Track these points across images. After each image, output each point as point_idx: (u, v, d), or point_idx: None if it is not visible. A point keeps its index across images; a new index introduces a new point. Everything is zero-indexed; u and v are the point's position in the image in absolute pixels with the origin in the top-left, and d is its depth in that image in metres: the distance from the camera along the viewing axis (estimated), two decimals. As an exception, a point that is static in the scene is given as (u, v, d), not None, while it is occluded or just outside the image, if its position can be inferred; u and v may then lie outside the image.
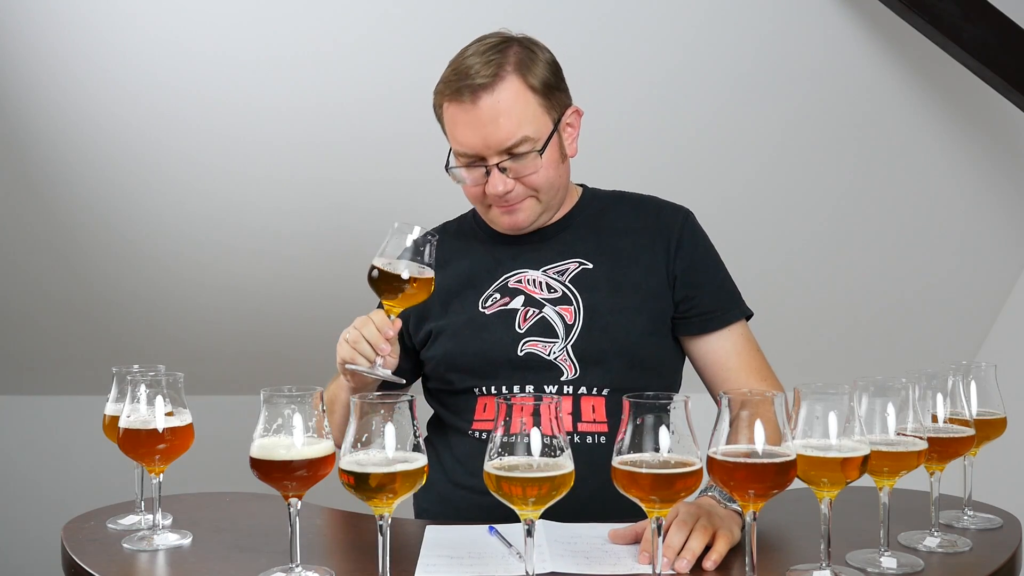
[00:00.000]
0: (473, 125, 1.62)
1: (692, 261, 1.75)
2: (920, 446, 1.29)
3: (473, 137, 1.62)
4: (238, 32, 2.59)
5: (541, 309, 1.71)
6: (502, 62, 1.63)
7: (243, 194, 2.84)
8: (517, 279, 1.74)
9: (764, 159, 2.90)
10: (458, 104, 1.62)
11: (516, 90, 1.62)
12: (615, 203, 1.82)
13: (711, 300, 1.74)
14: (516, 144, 1.62)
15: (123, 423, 1.44)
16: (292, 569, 1.29)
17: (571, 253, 1.75)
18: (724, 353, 1.74)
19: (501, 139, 1.62)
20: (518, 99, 1.62)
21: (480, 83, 1.60)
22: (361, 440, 1.18)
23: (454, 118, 1.64)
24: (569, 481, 1.17)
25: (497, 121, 1.61)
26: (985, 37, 2.57)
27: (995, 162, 2.92)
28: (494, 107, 1.61)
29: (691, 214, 1.81)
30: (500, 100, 1.61)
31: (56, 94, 2.66)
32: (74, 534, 1.51)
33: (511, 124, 1.61)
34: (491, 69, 1.61)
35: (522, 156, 1.63)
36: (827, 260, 3.09)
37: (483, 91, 1.61)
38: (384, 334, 1.55)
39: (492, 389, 1.70)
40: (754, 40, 2.70)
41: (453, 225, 1.88)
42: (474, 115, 1.61)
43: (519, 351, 1.69)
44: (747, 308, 1.78)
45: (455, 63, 1.67)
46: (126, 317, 3.13)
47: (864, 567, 1.31)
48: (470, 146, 1.63)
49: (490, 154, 1.63)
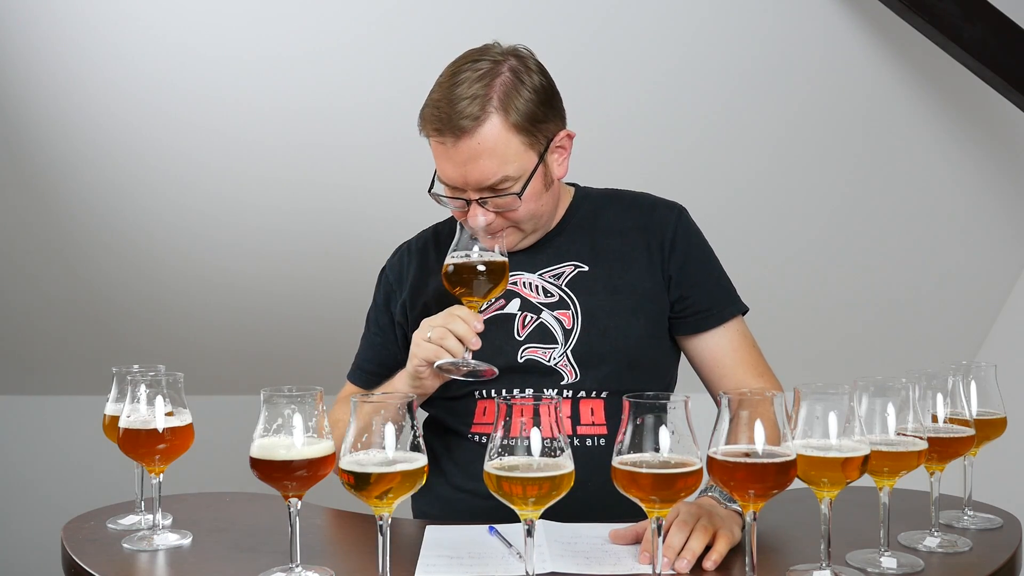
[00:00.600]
0: (454, 162, 1.60)
1: (686, 260, 1.74)
2: (920, 446, 1.29)
3: (454, 173, 1.61)
4: (238, 32, 2.59)
5: (539, 315, 1.70)
6: (486, 100, 1.58)
7: (243, 194, 2.85)
8: (512, 281, 1.72)
9: (763, 159, 2.90)
10: (439, 138, 1.60)
11: (498, 131, 1.58)
12: (608, 203, 1.81)
13: (706, 298, 1.74)
14: (496, 183, 1.60)
15: (123, 423, 1.44)
16: (292, 569, 1.29)
17: (566, 256, 1.74)
18: (721, 351, 1.73)
19: (480, 179, 1.59)
20: (499, 140, 1.59)
21: (462, 125, 1.57)
22: (361, 440, 1.18)
23: (436, 151, 1.63)
24: (569, 481, 1.17)
25: (477, 162, 1.58)
26: (985, 37, 2.57)
27: (995, 162, 2.92)
28: (475, 148, 1.58)
29: (684, 210, 1.80)
30: (481, 142, 1.58)
31: (56, 94, 2.66)
32: (74, 534, 1.51)
33: (492, 165, 1.59)
34: (475, 108, 1.57)
35: (502, 194, 1.61)
36: (827, 260, 3.09)
37: (464, 134, 1.58)
38: (473, 328, 1.52)
39: (493, 392, 1.69)
40: (754, 40, 2.70)
41: (445, 227, 1.87)
42: (455, 153, 1.59)
43: (519, 358, 1.68)
44: (743, 304, 1.77)
45: (443, 89, 1.61)
46: (126, 317, 3.13)
47: (864, 567, 1.31)
48: (451, 180, 1.62)
49: (469, 190, 1.61)
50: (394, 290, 1.82)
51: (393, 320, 1.81)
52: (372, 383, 1.78)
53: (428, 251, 1.83)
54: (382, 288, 1.85)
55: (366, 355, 1.84)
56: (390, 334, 1.81)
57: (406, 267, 1.83)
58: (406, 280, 1.81)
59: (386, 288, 1.84)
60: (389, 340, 1.81)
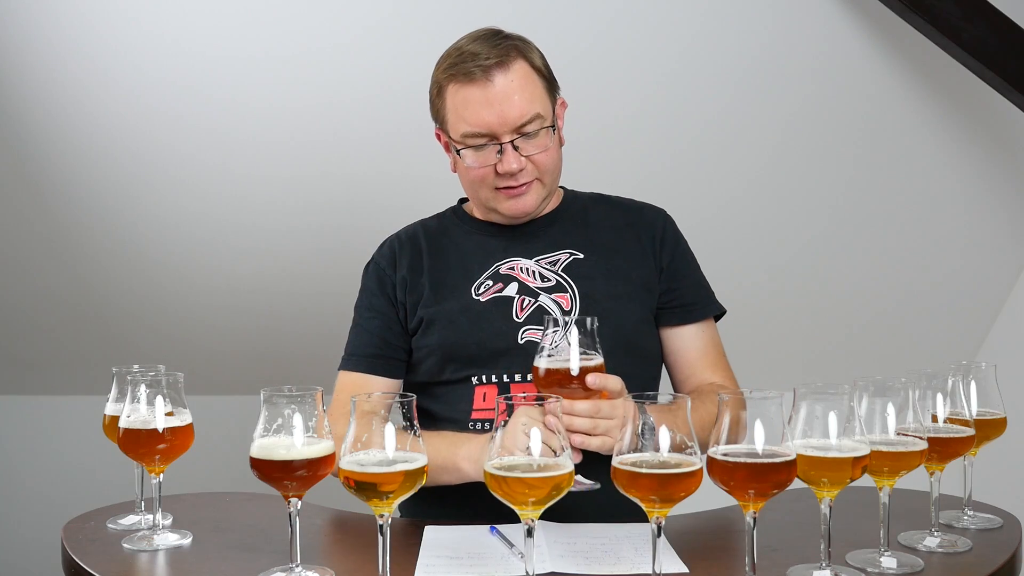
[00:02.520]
0: (488, 103, 1.64)
1: (675, 255, 1.81)
2: (920, 446, 1.29)
3: (488, 115, 1.64)
4: (238, 32, 2.59)
5: (536, 298, 1.72)
6: (506, 46, 1.67)
7: (243, 193, 2.84)
8: (509, 266, 1.75)
9: (762, 159, 2.90)
10: (470, 84, 1.65)
11: (525, 70, 1.67)
12: (595, 203, 1.87)
13: (692, 293, 1.81)
14: (529, 121, 1.66)
15: (123, 423, 1.44)
16: (292, 569, 1.29)
17: (561, 245, 1.78)
18: (695, 347, 1.79)
19: (516, 116, 1.65)
20: (528, 78, 1.67)
21: (493, 62, 1.64)
22: (361, 440, 1.18)
23: (466, 98, 1.66)
24: (569, 481, 1.17)
25: (512, 98, 1.64)
26: (985, 37, 2.57)
27: (995, 162, 2.91)
28: (508, 85, 1.65)
29: (668, 214, 1.88)
30: (512, 79, 1.65)
31: (56, 94, 2.65)
32: (74, 534, 1.51)
33: (524, 101, 1.65)
34: (499, 51, 1.66)
35: (534, 134, 1.67)
36: (826, 260, 3.09)
37: (496, 69, 1.64)
38: None
39: (493, 377, 1.69)
40: (754, 41, 2.70)
41: (434, 222, 1.88)
42: (489, 93, 1.64)
43: (519, 340, 1.69)
44: (721, 307, 1.84)
45: (454, 51, 1.70)
46: (126, 317, 3.12)
47: (864, 567, 1.31)
48: (483, 124, 1.65)
49: (504, 132, 1.65)
50: (387, 274, 1.81)
51: (392, 301, 1.79)
52: (375, 367, 1.76)
53: (419, 241, 1.83)
54: (373, 276, 1.83)
55: (363, 341, 1.79)
56: (390, 314, 1.78)
57: (397, 252, 1.82)
58: (401, 263, 1.80)
59: (378, 274, 1.82)
60: (390, 320, 1.78)
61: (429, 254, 1.80)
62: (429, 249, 1.81)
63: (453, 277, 1.77)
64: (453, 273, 1.77)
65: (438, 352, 1.72)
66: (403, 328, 1.78)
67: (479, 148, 1.67)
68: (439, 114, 1.73)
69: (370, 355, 1.78)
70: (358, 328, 1.82)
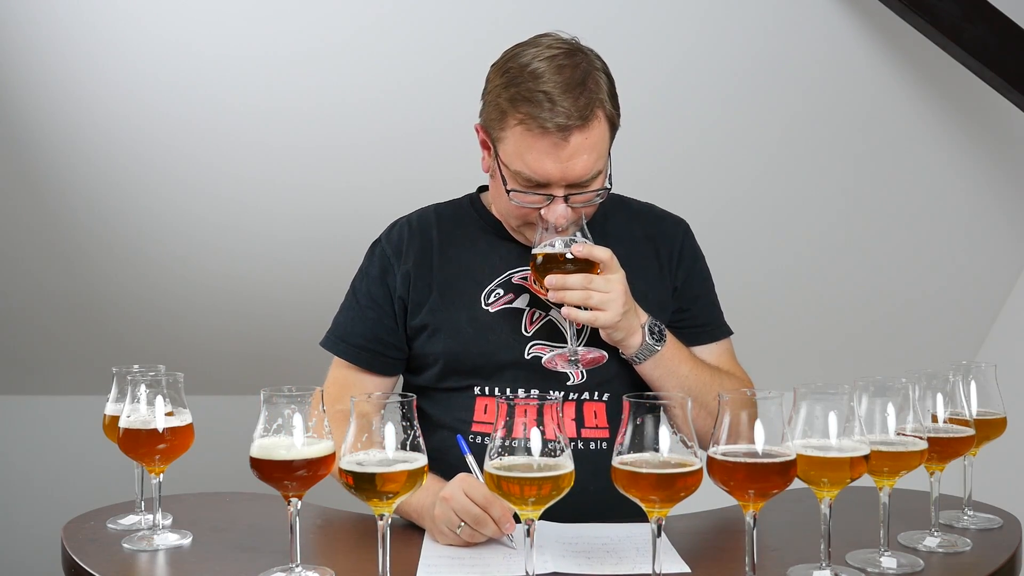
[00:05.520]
0: (556, 158, 1.54)
1: (691, 274, 1.77)
2: (920, 446, 1.29)
3: (553, 168, 1.54)
4: (238, 32, 2.59)
5: (548, 312, 1.67)
6: (592, 99, 1.55)
7: (243, 194, 2.84)
8: (521, 275, 1.69)
9: (763, 160, 2.90)
10: (543, 136, 1.53)
11: (602, 128, 1.57)
12: (615, 209, 1.78)
13: (704, 314, 1.78)
14: (592, 178, 1.58)
15: (123, 423, 1.44)
16: (292, 569, 1.29)
17: None
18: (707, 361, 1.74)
19: (581, 174, 1.56)
20: (602, 136, 1.58)
21: (575, 124, 1.53)
22: (361, 440, 1.18)
23: (531, 145, 1.55)
24: (569, 481, 1.17)
25: (581, 157, 1.54)
26: (985, 37, 2.57)
27: (995, 162, 2.92)
28: (581, 143, 1.54)
29: (689, 227, 1.82)
30: (588, 137, 1.55)
31: (56, 94, 2.65)
32: (74, 534, 1.51)
33: (592, 160, 1.56)
34: (581, 108, 1.53)
35: (588, 189, 1.58)
36: (826, 261, 3.09)
37: (576, 131, 1.53)
38: (504, 533, 1.42)
39: (496, 390, 1.65)
40: (753, 41, 2.69)
41: (449, 211, 1.79)
42: (561, 150, 1.54)
43: (526, 354, 1.65)
44: (729, 328, 1.81)
45: (532, 86, 1.54)
46: (126, 317, 3.12)
47: (864, 567, 1.32)
48: (544, 175, 1.55)
49: (560, 184, 1.56)
50: (391, 263, 1.73)
51: (390, 294, 1.72)
52: (365, 360, 1.71)
53: (430, 230, 1.75)
54: (376, 261, 1.75)
55: (355, 328, 1.73)
56: (386, 308, 1.72)
57: (406, 241, 1.74)
58: (408, 255, 1.72)
59: (382, 261, 1.74)
60: (385, 314, 1.72)
61: (439, 250, 1.72)
62: (440, 243, 1.72)
63: (463, 281, 1.70)
64: (463, 277, 1.70)
65: (442, 360, 1.67)
66: (397, 324, 1.72)
67: (528, 191, 1.58)
68: (493, 132, 1.61)
69: (360, 346, 1.72)
70: (352, 310, 1.76)
